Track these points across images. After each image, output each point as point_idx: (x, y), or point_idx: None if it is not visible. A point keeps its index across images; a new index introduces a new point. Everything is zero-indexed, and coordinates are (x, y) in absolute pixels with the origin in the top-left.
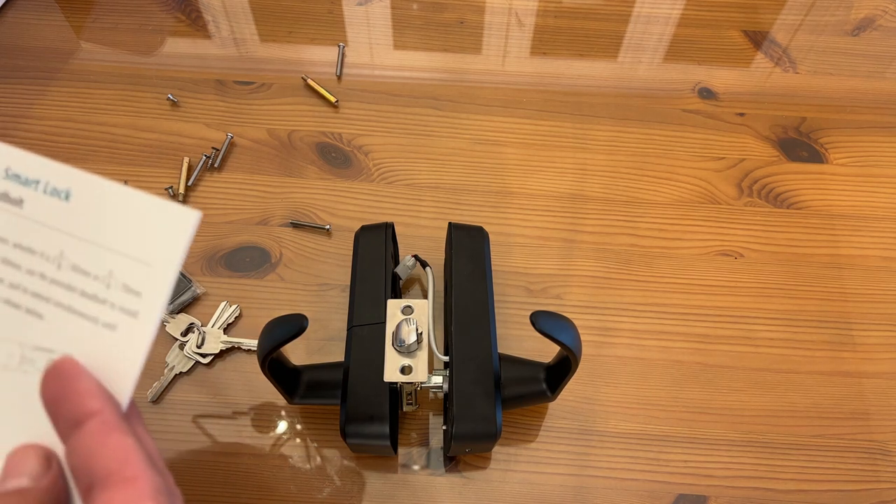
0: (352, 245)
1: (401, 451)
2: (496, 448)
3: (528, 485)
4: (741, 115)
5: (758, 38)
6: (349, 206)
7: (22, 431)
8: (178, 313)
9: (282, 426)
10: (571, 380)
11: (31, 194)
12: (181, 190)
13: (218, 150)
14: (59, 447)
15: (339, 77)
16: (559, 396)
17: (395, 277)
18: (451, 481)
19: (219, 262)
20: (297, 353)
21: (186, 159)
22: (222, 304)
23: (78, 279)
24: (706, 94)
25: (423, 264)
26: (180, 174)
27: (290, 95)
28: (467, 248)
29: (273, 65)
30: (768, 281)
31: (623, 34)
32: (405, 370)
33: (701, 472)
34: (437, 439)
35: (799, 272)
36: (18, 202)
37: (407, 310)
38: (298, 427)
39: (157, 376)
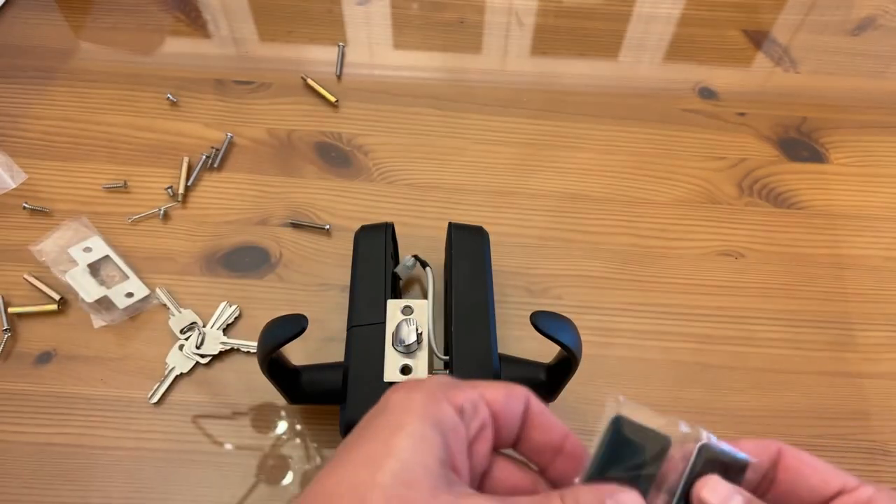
0: (351, 245)
1: None
2: None
3: None
4: (742, 114)
5: (758, 38)
6: (349, 206)
7: None
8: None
9: (282, 426)
10: (571, 380)
11: None
12: (181, 189)
13: (217, 149)
14: None
15: (339, 77)
16: (559, 396)
17: (395, 277)
18: None
19: (218, 262)
20: (296, 353)
21: (186, 159)
22: (222, 305)
23: None
24: (707, 93)
25: (423, 264)
26: (180, 174)
27: (289, 95)
28: (467, 248)
29: (272, 64)
30: (769, 281)
31: (623, 34)
32: (405, 370)
33: None
34: None
35: (800, 272)
36: None
37: (407, 310)
38: (298, 427)
39: (158, 377)
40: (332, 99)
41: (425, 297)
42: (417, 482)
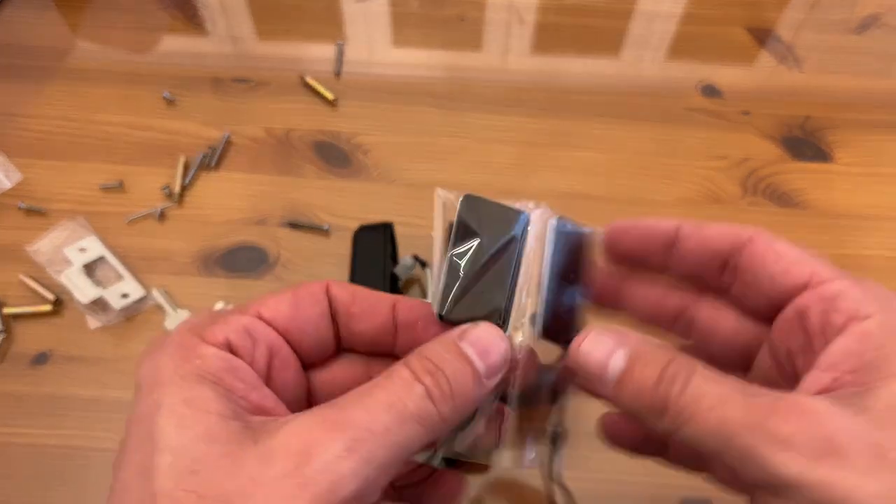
0: (350, 245)
1: None
2: None
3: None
4: (745, 113)
5: (762, 36)
6: (348, 205)
7: None
8: (180, 309)
9: None
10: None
11: None
12: (177, 189)
13: (215, 148)
14: None
15: (338, 75)
16: None
17: (395, 277)
18: None
19: (216, 262)
20: None
21: (182, 158)
22: (219, 305)
23: None
24: (710, 92)
25: (423, 264)
26: (176, 173)
27: (287, 93)
28: None
29: (270, 62)
30: None
31: (626, 31)
32: None
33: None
34: None
35: None
36: None
37: None
38: None
39: None
40: (331, 97)
41: (425, 297)
42: (203, 459)
